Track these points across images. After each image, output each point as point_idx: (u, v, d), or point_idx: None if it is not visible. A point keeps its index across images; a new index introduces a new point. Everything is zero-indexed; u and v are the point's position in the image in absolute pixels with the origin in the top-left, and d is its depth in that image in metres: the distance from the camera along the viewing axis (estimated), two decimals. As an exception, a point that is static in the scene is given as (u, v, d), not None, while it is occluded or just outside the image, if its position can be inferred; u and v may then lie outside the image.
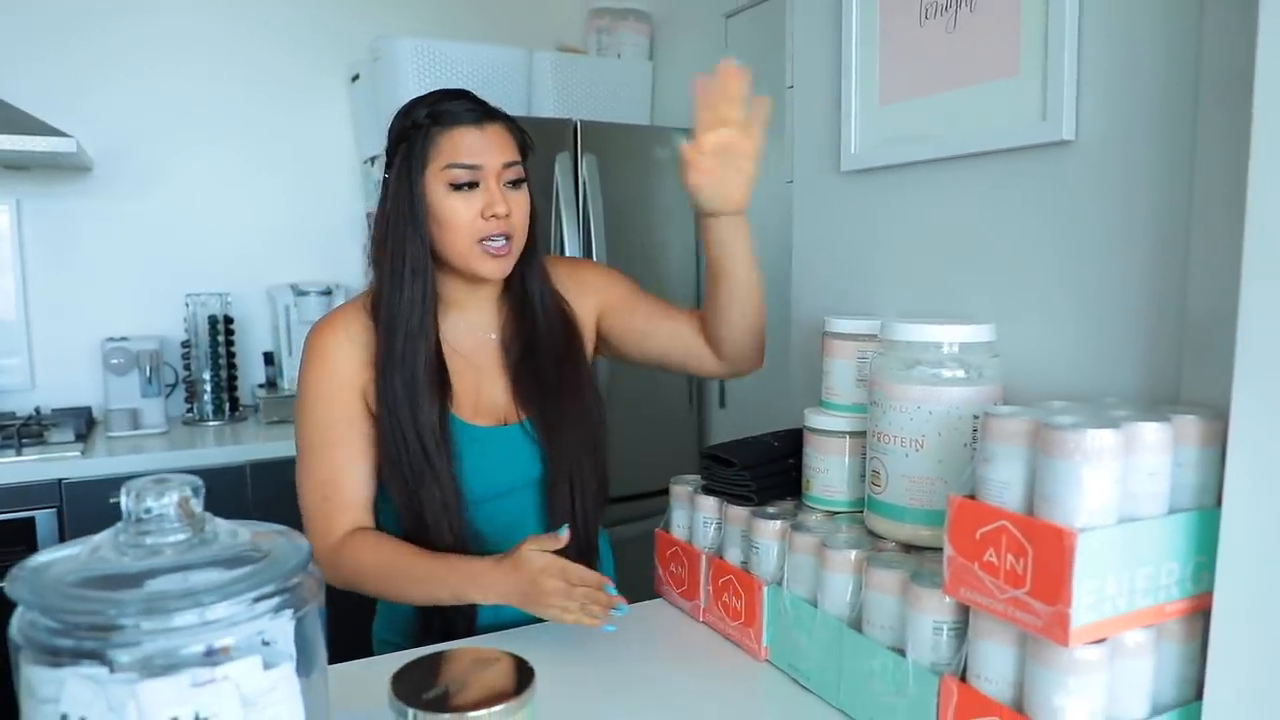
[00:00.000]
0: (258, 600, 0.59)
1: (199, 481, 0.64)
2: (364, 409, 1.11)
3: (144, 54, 2.59)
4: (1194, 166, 0.79)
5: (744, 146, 1.09)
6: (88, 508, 2.08)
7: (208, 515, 0.64)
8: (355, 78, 2.71)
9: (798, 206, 1.29)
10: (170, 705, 0.55)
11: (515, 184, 1.12)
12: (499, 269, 1.12)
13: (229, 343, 2.56)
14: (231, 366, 2.57)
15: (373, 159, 2.70)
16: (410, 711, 0.65)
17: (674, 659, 1.06)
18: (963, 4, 0.97)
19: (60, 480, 2.06)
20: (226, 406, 2.55)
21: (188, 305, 2.52)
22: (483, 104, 1.12)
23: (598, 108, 2.65)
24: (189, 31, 2.63)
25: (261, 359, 2.70)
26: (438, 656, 0.73)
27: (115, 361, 2.38)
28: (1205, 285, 0.79)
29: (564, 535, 1.01)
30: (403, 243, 1.10)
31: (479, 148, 1.09)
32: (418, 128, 1.10)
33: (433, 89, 1.13)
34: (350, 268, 2.87)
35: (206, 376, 2.52)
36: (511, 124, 1.14)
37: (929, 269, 1.09)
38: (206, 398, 2.53)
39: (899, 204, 1.11)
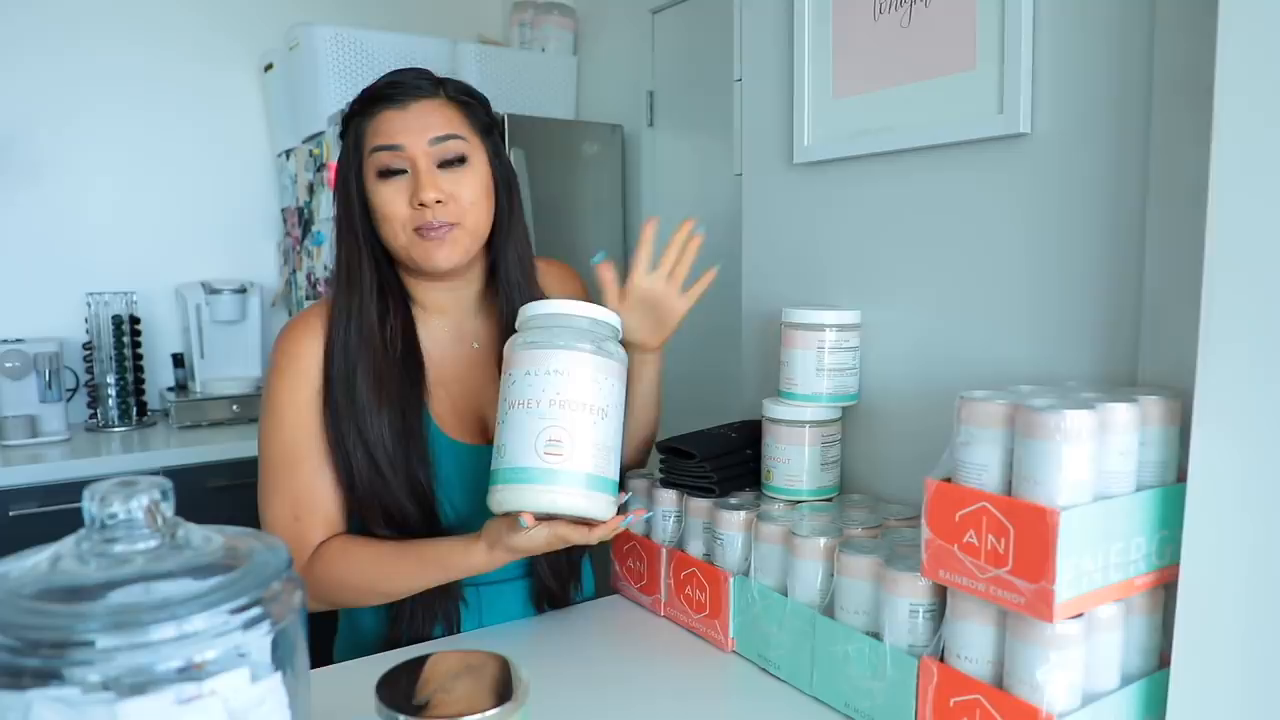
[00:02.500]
0: (238, 610, 0.56)
1: (168, 484, 0.59)
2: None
3: (38, 34, 2.42)
4: (1149, 156, 0.82)
5: (674, 305, 1.07)
6: (-17, 522, 1.94)
7: (178, 520, 0.60)
8: (268, 67, 2.60)
9: (747, 199, 1.30)
10: (154, 725, 0.51)
11: (454, 162, 1.02)
12: (443, 257, 1.01)
13: (135, 344, 2.42)
14: (138, 369, 2.43)
15: (287, 152, 2.60)
16: (401, 719, 0.62)
17: (638, 655, 1.05)
18: (918, -1, 0.99)
19: (-49, 493, 1.92)
20: (133, 411, 2.42)
21: (89, 304, 2.37)
22: (414, 81, 1.03)
23: (522, 101, 2.61)
24: (90, 12, 2.47)
25: (170, 361, 2.56)
26: (420, 660, 0.70)
27: (10, 365, 2.22)
28: (1161, 271, 0.82)
29: (527, 523, 0.92)
30: (340, 245, 1.05)
31: (398, 128, 1.00)
32: (349, 118, 1.05)
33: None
34: (265, 265, 2.76)
35: (111, 380, 2.38)
36: (452, 96, 1.04)
37: (884, 260, 1.10)
38: (111, 402, 2.39)
39: (854, 196, 1.13)
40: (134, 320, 2.42)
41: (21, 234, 2.44)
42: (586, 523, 0.91)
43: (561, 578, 1.13)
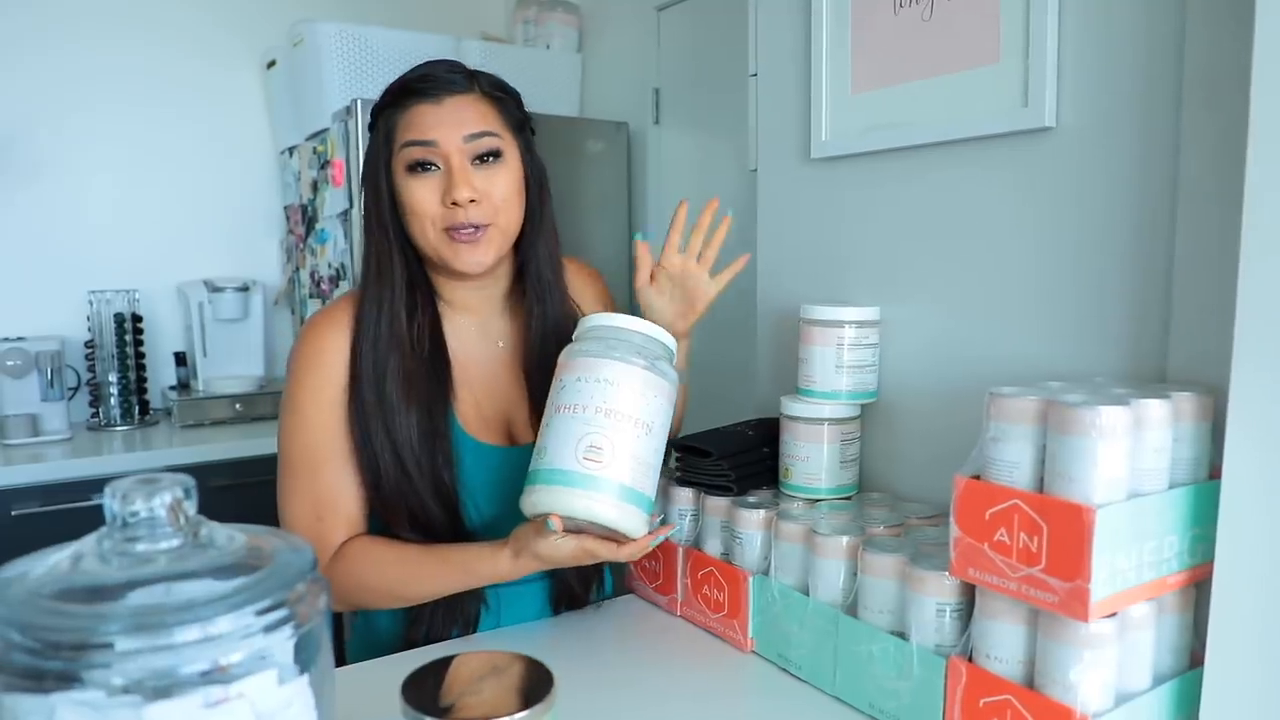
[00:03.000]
0: (263, 611, 0.54)
1: (190, 481, 0.58)
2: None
3: (39, 33, 2.40)
4: (1178, 150, 0.81)
5: (704, 288, 1.07)
6: (-14, 522, 1.92)
7: (201, 518, 0.59)
8: (271, 64, 2.58)
9: (762, 194, 1.28)
10: (181, 729, 0.50)
11: (488, 158, 1.00)
12: (474, 260, 1.00)
13: (137, 343, 2.40)
14: (140, 368, 2.41)
15: (290, 149, 2.58)
16: (428, 721, 0.61)
17: (655, 655, 1.04)
18: (941, -9, 0.98)
19: (-46, 492, 1.90)
20: (135, 410, 2.39)
21: (91, 303, 2.35)
22: (448, 75, 1.01)
23: (527, 99, 2.58)
24: (90, 10, 2.45)
25: (173, 359, 2.54)
26: (444, 661, 0.69)
27: (11, 363, 2.20)
28: (1191, 267, 0.81)
29: (555, 526, 0.89)
30: (369, 239, 1.03)
31: (433, 123, 0.98)
32: (379, 110, 1.03)
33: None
34: (267, 263, 2.75)
35: (113, 379, 2.36)
36: (486, 91, 1.03)
37: (903, 256, 1.09)
38: (113, 401, 2.37)
39: (872, 191, 1.12)
40: (136, 318, 2.40)
41: (23, 232, 2.42)
42: (616, 539, 0.89)
43: (585, 579, 1.11)
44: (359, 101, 2.12)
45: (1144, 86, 0.84)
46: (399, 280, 1.02)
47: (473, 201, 0.98)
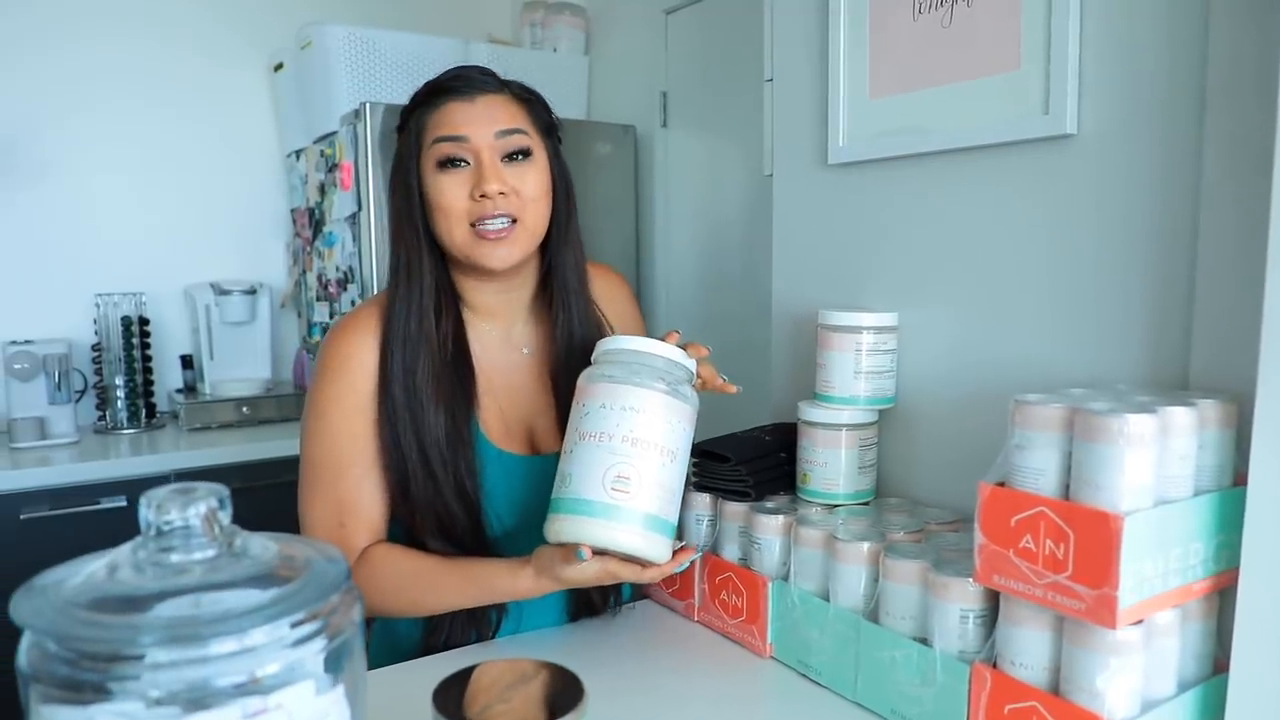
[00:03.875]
0: (299, 623, 0.54)
1: (225, 491, 0.58)
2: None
3: (45, 37, 2.40)
4: (1201, 157, 0.81)
5: None
6: (-5, 524, 1.92)
7: (236, 528, 0.59)
8: (278, 67, 2.58)
9: (778, 200, 1.29)
10: (220, 740, 0.50)
11: (518, 156, 1.00)
12: (501, 256, 0.99)
13: (144, 345, 2.40)
14: (147, 371, 2.41)
15: (297, 152, 2.58)
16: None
17: (673, 661, 1.04)
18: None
19: (-37, 495, 1.90)
20: (142, 413, 2.40)
21: (98, 306, 2.35)
22: (479, 77, 1.02)
23: (533, 102, 2.60)
24: (97, 11, 2.45)
25: (179, 362, 2.55)
26: (471, 669, 0.69)
27: (19, 367, 2.20)
28: (1214, 273, 0.81)
29: (586, 556, 0.89)
30: (399, 238, 1.03)
31: (465, 120, 0.98)
32: (411, 111, 1.03)
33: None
34: (274, 266, 2.75)
35: (120, 382, 2.36)
36: (517, 93, 1.04)
37: (921, 262, 1.09)
38: (120, 404, 2.37)
39: (890, 197, 1.12)
40: (143, 321, 2.40)
41: (30, 235, 2.42)
42: (639, 561, 0.91)
43: (604, 591, 1.11)
44: (367, 105, 2.12)
45: (1166, 93, 0.84)
46: (428, 281, 1.02)
47: (501, 194, 0.98)
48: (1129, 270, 0.89)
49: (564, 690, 0.65)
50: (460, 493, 1.00)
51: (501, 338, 1.09)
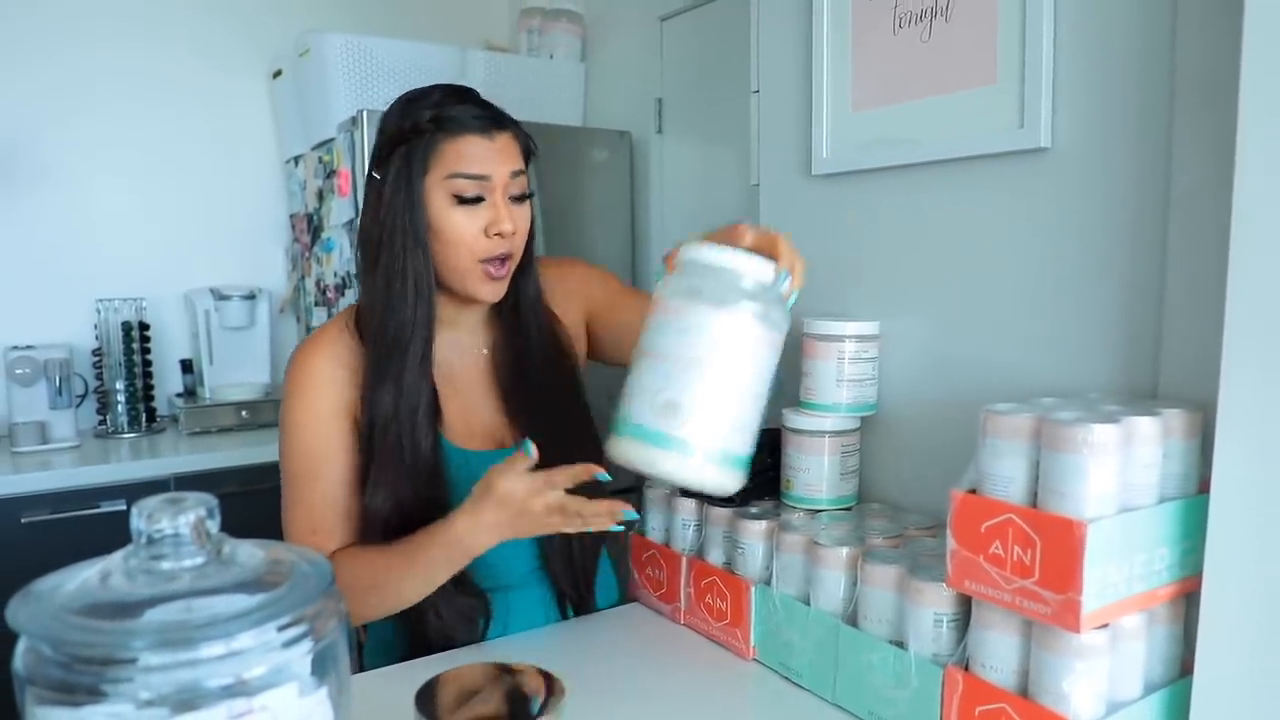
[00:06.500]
0: (284, 627, 0.56)
1: (214, 500, 0.60)
2: (351, 432, 1.05)
3: (46, 41, 2.43)
4: (1170, 171, 0.84)
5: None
6: (-3, 527, 1.94)
7: (224, 536, 0.61)
8: (277, 74, 2.61)
9: (765, 209, 1.31)
10: (207, 740, 0.52)
11: (520, 198, 1.05)
12: (496, 292, 1.05)
13: (145, 350, 2.42)
14: (147, 375, 2.44)
15: (296, 158, 2.60)
16: (446, 731, 0.63)
17: (659, 663, 1.06)
18: (938, 14, 1.00)
19: (-35, 499, 1.93)
20: (143, 418, 2.42)
21: (99, 311, 2.38)
22: (491, 109, 1.05)
23: (530, 108, 2.62)
24: (96, 15, 2.48)
25: (179, 367, 2.57)
26: (456, 671, 0.71)
27: (20, 371, 2.23)
28: (1182, 284, 0.83)
29: (532, 453, 0.91)
30: (402, 256, 1.02)
31: (486, 158, 1.01)
32: (420, 132, 1.01)
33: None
34: (273, 271, 2.77)
35: (120, 386, 2.39)
36: (519, 130, 1.07)
37: (902, 271, 1.12)
38: (120, 408, 2.39)
39: (872, 208, 1.14)
40: (143, 326, 2.43)
41: (30, 240, 2.45)
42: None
43: (574, 578, 1.14)
44: (365, 112, 2.14)
45: (1137, 110, 0.87)
46: (433, 300, 1.04)
47: (513, 233, 1.03)
48: (1102, 281, 0.91)
49: (542, 689, 0.68)
50: (425, 494, 1.02)
51: (460, 344, 1.13)
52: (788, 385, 1.17)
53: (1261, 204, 0.67)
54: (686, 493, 1.16)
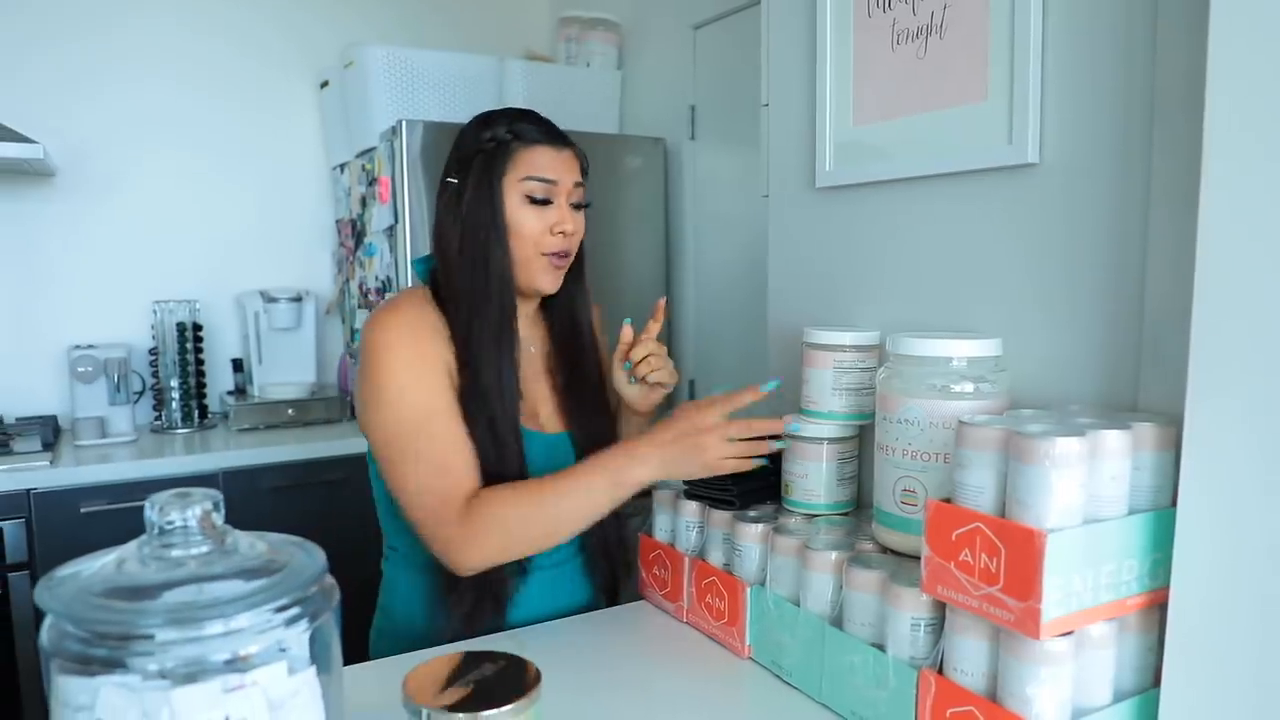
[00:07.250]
0: (278, 610, 0.62)
1: (219, 495, 0.66)
2: (450, 389, 1.12)
3: (110, 61, 2.57)
4: (1150, 188, 0.85)
5: (636, 396, 1.26)
6: (57, 518, 2.06)
7: (228, 527, 0.67)
8: (324, 84, 2.71)
9: (773, 221, 1.34)
10: (203, 710, 0.58)
11: (579, 206, 1.19)
12: (555, 281, 1.18)
13: (198, 350, 2.54)
14: (200, 374, 2.55)
15: (342, 166, 2.70)
16: (424, 711, 0.68)
17: (660, 658, 1.10)
18: (933, 32, 1.03)
19: (29, 490, 2.04)
20: (195, 414, 2.54)
21: (155, 312, 2.51)
22: (562, 131, 1.19)
23: (567, 116, 2.65)
24: (156, 38, 2.62)
25: (230, 366, 2.69)
26: (447, 659, 0.76)
27: (82, 369, 2.36)
28: (1161, 298, 0.85)
29: (771, 389, 1.09)
30: (485, 250, 1.13)
31: (555, 165, 1.15)
32: (499, 143, 1.14)
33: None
34: (320, 274, 2.88)
35: (174, 384, 2.51)
36: (578, 149, 1.21)
37: (901, 283, 1.14)
38: (175, 405, 2.51)
39: (872, 220, 1.17)
40: (196, 327, 2.55)
41: (94, 245, 2.59)
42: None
43: (611, 565, 1.25)
44: (404, 122, 2.22)
45: (1120, 130, 0.88)
46: (513, 291, 1.17)
47: (574, 233, 1.18)
48: (1088, 295, 0.92)
49: (522, 678, 0.72)
50: (514, 469, 1.13)
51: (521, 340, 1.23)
52: (793, 392, 1.21)
53: (1223, 224, 0.69)
54: (691, 495, 1.20)
